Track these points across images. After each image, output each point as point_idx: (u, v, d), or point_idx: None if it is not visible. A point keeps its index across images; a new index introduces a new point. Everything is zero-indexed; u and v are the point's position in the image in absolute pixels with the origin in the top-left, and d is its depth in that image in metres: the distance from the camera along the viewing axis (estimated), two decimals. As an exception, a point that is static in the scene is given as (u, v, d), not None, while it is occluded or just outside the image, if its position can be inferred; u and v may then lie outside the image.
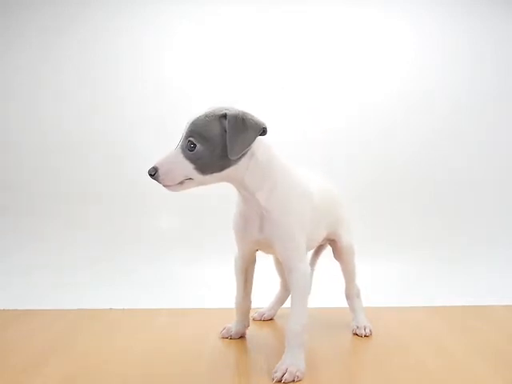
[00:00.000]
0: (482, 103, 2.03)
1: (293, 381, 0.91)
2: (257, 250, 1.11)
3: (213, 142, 0.89)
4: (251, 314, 1.23)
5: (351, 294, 1.25)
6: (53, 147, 1.98)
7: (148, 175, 0.90)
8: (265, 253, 1.11)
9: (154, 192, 1.97)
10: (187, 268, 1.81)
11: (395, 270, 1.81)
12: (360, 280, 1.27)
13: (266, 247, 1.05)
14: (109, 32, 1.99)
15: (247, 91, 1.96)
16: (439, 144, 2.02)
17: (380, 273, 1.77)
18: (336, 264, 1.25)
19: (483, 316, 1.35)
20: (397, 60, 2.02)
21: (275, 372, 0.93)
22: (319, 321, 1.30)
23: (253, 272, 1.15)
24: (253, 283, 1.16)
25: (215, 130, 0.89)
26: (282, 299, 1.35)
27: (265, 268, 1.21)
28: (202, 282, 1.71)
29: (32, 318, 1.33)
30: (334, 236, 1.20)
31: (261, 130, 0.90)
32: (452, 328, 1.25)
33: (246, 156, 0.92)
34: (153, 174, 0.89)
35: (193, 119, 0.91)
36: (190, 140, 0.89)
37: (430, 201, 2.00)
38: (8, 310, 1.41)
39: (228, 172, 0.92)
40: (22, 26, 1.97)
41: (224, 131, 0.89)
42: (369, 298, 1.30)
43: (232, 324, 1.18)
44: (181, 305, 1.45)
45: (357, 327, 1.20)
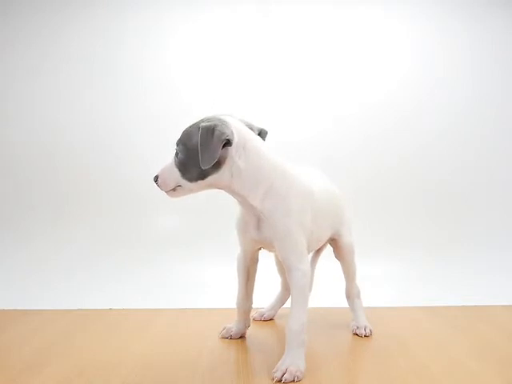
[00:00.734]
0: (483, 103, 2.03)
1: (293, 381, 0.91)
2: (259, 249, 1.11)
3: (191, 152, 0.93)
4: (251, 314, 1.23)
5: (352, 294, 1.26)
6: (52, 147, 1.98)
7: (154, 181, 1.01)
8: (268, 251, 1.12)
9: (154, 192, 1.98)
10: (187, 268, 1.81)
11: (395, 270, 1.81)
12: (360, 280, 1.27)
13: (267, 246, 1.06)
14: (109, 32, 1.99)
15: (247, 91, 1.96)
16: (440, 144, 2.02)
17: (380, 273, 1.77)
18: (336, 264, 1.25)
19: (483, 316, 1.35)
20: (397, 60, 2.02)
21: (275, 372, 0.93)
22: (319, 321, 1.30)
23: (255, 272, 1.16)
24: (254, 283, 1.17)
25: (194, 140, 0.92)
26: (283, 299, 1.35)
27: (266, 268, 1.21)
28: (202, 282, 1.71)
29: (32, 318, 1.33)
30: (336, 236, 1.20)
31: (223, 142, 0.90)
32: (452, 328, 1.25)
33: (226, 164, 0.92)
34: (155, 181, 1.01)
35: (183, 131, 0.96)
36: (176, 149, 0.96)
37: (430, 201, 2.00)
38: (8, 310, 1.41)
39: (212, 180, 0.94)
40: (22, 26, 1.97)
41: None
42: (369, 298, 1.30)
43: (232, 324, 1.18)
44: (181, 305, 1.45)
45: (357, 327, 1.21)
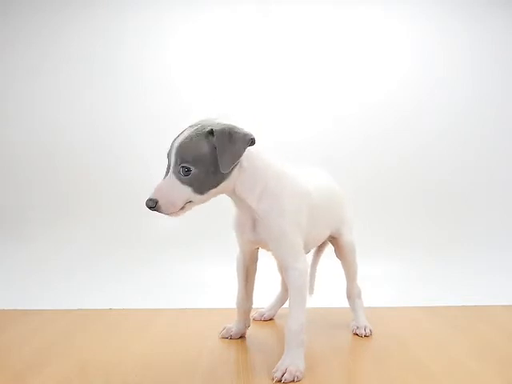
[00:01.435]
0: (483, 103, 2.03)
1: (292, 381, 0.91)
2: (257, 248, 1.12)
3: (205, 162, 0.89)
4: (251, 314, 1.23)
5: (352, 294, 1.25)
6: (52, 147, 1.98)
7: (147, 207, 0.89)
8: (266, 250, 1.12)
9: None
10: (187, 268, 1.81)
11: (395, 270, 1.81)
12: (360, 280, 1.27)
13: (264, 247, 1.06)
14: (109, 32, 1.99)
15: (247, 91, 1.96)
16: (440, 144, 2.02)
17: (380, 273, 1.77)
18: (335, 263, 1.25)
19: (483, 316, 1.35)
20: (397, 60, 2.02)
21: (275, 372, 0.93)
22: (319, 321, 1.30)
23: (254, 271, 1.16)
24: (254, 283, 1.16)
25: (205, 149, 0.89)
26: (283, 299, 1.35)
27: (266, 268, 1.21)
28: (202, 282, 1.71)
29: (32, 318, 1.33)
30: (337, 234, 1.20)
31: (249, 142, 0.90)
32: (452, 328, 1.25)
33: (236, 167, 0.93)
34: (153, 207, 0.89)
35: (180, 142, 0.90)
36: (184, 166, 0.89)
37: (430, 201, 2.00)
38: (8, 310, 1.41)
39: (224, 185, 0.93)
40: (22, 26, 1.97)
41: (213, 148, 0.89)
42: (369, 298, 1.30)
43: (232, 324, 1.18)
44: (181, 305, 1.45)
45: (357, 327, 1.21)
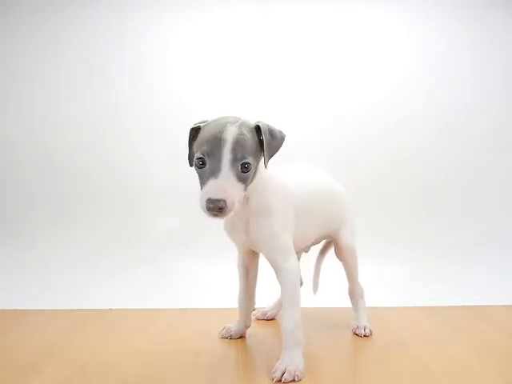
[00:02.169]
0: (483, 103, 2.03)
1: (293, 380, 0.91)
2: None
3: (257, 158, 0.90)
4: (254, 314, 1.23)
5: (355, 295, 1.25)
6: (52, 147, 1.98)
7: (209, 211, 0.81)
8: (256, 251, 1.11)
9: (154, 192, 1.99)
10: (187, 268, 1.81)
11: (395, 270, 1.81)
12: (360, 280, 1.27)
13: (255, 247, 1.05)
14: (109, 32, 1.99)
15: (247, 91, 1.96)
16: (440, 144, 2.02)
17: (380, 273, 1.77)
18: (335, 263, 1.25)
19: (483, 316, 1.35)
20: (397, 60, 2.02)
21: (274, 372, 0.93)
22: (319, 321, 1.30)
23: (255, 270, 1.15)
24: (256, 282, 1.16)
25: (255, 145, 0.89)
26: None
27: (267, 267, 1.21)
28: (202, 282, 1.71)
29: (32, 318, 1.33)
30: (335, 235, 1.20)
31: (284, 138, 0.93)
32: (452, 328, 1.25)
33: None
34: (223, 208, 0.81)
35: (235, 138, 0.85)
36: (245, 162, 0.85)
37: (430, 201, 2.00)
38: (8, 310, 1.41)
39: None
40: (22, 26, 1.97)
41: (258, 143, 0.90)
42: (369, 298, 1.29)
43: (232, 323, 1.18)
44: (181, 305, 1.45)
45: (357, 327, 1.21)
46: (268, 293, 1.30)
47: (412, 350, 1.08)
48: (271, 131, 0.91)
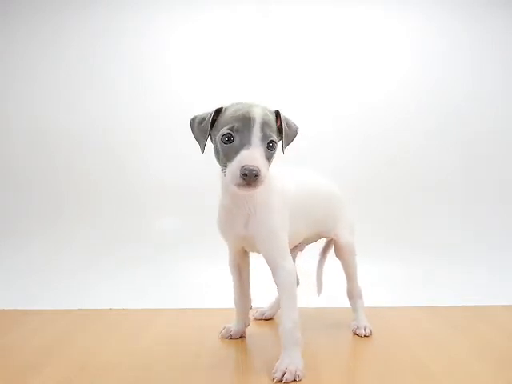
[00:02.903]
0: (483, 103, 2.03)
1: (294, 380, 0.91)
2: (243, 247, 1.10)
3: (276, 137, 0.92)
4: (252, 314, 1.23)
5: (354, 295, 1.25)
6: (52, 148, 1.99)
7: (245, 176, 0.82)
8: (249, 251, 1.11)
9: (154, 192, 1.99)
10: (187, 268, 1.81)
11: (395, 270, 1.81)
12: (360, 280, 1.27)
13: (250, 245, 1.05)
14: (108, 32, 1.99)
15: (247, 91, 1.96)
16: (440, 144, 2.02)
17: (380, 273, 1.77)
18: (335, 264, 1.25)
19: (483, 316, 1.35)
20: (397, 60, 2.02)
21: (275, 372, 0.93)
22: (319, 321, 1.30)
23: (247, 268, 1.15)
24: (249, 281, 1.16)
25: (276, 128, 0.93)
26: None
27: (265, 267, 1.21)
28: (202, 282, 1.71)
29: (32, 318, 1.33)
30: (333, 235, 1.20)
31: (298, 131, 0.99)
32: (452, 328, 1.25)
33: None
34: (258, 175, 0.83)
35: (263, 117, 0.87)
36: (272, 140, 0.89)
37: (430, 201, 2.00)
38: (8, 310, 1.41)
39: None
40: (22, 26, 1.97)
41: (277, 128, 0.93)
42: (369, 298, 1.29)
43: (232, 324, 1.18)
44: (181, 305, 1.45)
45: (357, 327, 1.21)
46: (265, 293, 1.30)
47: (412, 350, 1.08)
48: (287, 120, 0.96)
